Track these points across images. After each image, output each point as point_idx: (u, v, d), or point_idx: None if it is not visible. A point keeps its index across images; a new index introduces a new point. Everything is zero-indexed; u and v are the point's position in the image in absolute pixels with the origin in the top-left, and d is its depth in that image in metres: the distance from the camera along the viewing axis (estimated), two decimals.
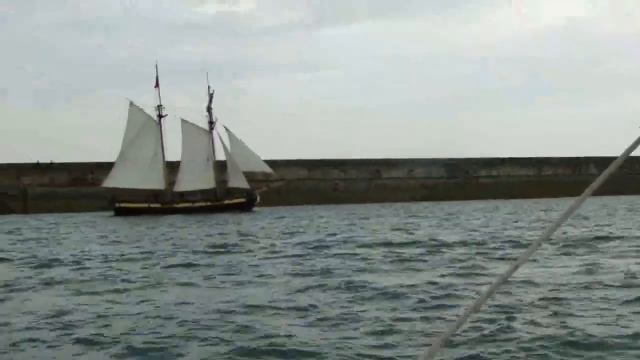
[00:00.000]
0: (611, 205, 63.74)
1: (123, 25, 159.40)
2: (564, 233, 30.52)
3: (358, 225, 44.20)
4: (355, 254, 24.98)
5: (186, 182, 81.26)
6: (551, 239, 25.56)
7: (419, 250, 25.84)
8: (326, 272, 19.99)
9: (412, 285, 16.83)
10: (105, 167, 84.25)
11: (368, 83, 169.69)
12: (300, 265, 21.95)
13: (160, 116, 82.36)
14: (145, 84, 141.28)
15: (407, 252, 25.40)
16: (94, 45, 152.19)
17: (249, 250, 27.78)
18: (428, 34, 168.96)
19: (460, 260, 22.36)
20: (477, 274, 19.08)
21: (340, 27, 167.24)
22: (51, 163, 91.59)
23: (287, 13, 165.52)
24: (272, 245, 30.08)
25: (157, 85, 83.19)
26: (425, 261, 22.57)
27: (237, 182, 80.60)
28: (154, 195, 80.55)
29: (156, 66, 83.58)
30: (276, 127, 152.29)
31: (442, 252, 25.28)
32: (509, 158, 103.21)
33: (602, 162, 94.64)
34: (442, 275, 18.79)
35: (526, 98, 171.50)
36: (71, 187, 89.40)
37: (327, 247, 28.40)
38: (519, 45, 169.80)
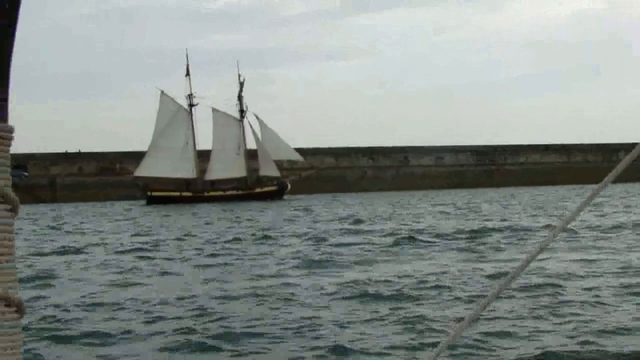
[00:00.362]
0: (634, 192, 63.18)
1: (153, 15, 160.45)
2: (583, 221, 30.36)
3: (371, 214, 44.37)
4: (356, 243, 25.32)
5: (217, 171, 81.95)
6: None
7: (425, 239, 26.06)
8: (323, 262, 20.33)
9: (409, 276, 17.15)
10: (132, 157, 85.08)
11: (398, 70, 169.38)
12: (301, 255, 22.42)
13: (191, 105, 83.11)
14: (176, 74, 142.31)
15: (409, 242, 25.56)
16: (123, 35, 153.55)
17: (257, 241, 28.12)
18: (459, 20, 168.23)
19: (461, 250, 22.53)
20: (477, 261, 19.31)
21: (370, 15, 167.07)
22: (79, 152, 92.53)
23: (318, 0, 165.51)
24: (281, 235, 30.42)
25: (187, 74, 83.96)
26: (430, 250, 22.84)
27: (268, 170, 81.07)
28: (185, 183, 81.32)
29: (186, 55, 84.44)
30: (306, 116, 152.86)
31: (445, 241, 25.48)
32: (538, 145, 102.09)
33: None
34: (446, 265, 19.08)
35: (555, 85, 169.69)
36: (99, 177, 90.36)
37: (333, 236, 28.78)
38: (551, 30, 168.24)
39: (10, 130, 1.27)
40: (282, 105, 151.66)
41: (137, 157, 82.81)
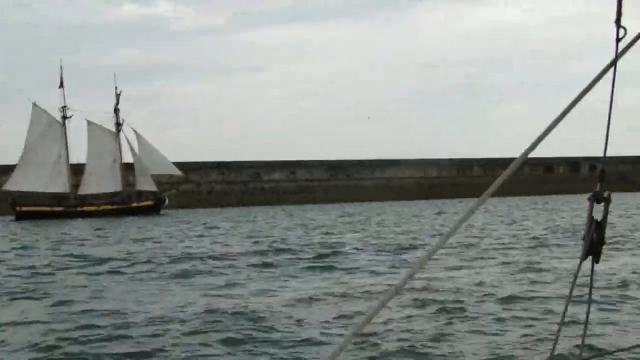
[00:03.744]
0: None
1: (33, 27, 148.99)
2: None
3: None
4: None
5: (92, 185, 79.77)
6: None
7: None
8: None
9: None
10: (2, 170, 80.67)
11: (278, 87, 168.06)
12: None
13: (64, 117, 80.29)
14: (53, 89, 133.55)
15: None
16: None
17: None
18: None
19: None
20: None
21: (256, 32, 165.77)
22: None
23: (203, 16, 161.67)
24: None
25: (61, 85, 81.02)
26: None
27: (145, 184, 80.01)
28: (56, 198, 78.54)
29: (61, 66, 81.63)
30: (189, 131, 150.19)
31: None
32: (398, 160, 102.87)
33: (487, 164, 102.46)
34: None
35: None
36: None
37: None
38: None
39: None
40: (167, 120, 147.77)
41: (8, 171, 78.90)
